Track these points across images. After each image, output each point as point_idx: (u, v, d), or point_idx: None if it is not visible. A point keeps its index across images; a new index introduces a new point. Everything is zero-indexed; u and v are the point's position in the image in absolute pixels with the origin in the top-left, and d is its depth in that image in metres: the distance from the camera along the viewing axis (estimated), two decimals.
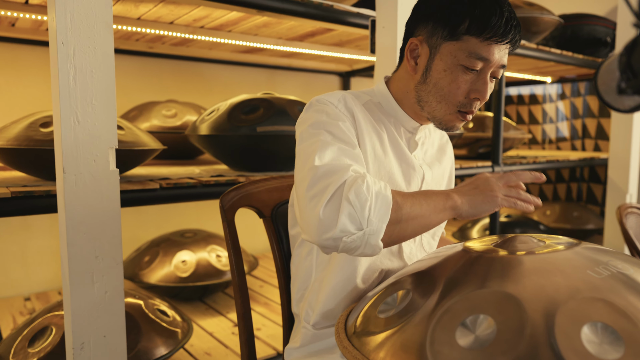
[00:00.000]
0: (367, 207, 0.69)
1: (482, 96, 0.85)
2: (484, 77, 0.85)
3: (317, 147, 0.78)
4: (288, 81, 2.91)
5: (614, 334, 0.53)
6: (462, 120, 0.89)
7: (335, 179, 0.72)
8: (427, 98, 0.88)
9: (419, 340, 0.59)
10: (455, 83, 0.84)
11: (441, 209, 0.77)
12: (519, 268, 0.62)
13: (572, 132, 3.61)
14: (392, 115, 0.94)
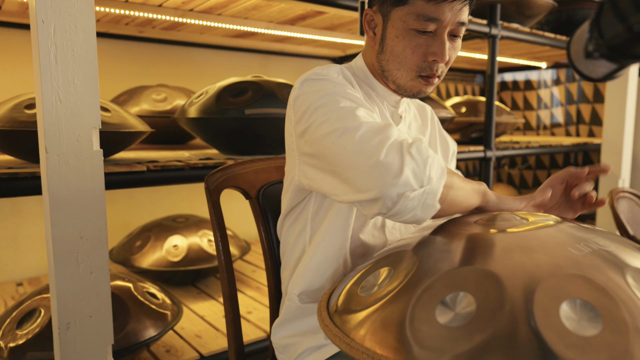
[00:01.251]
0: (429, 165, 0.68)
1: (439, 57, 0.83)
2: (440, 38, 0.83)
3: (346, 112, 0.73)
4: (281, 67, 2.89)
5: (593, 310, 0.53)
6: (426, 84, 0.88)
7: (386, 134, 0.69)
8: (388, 67, 0.88)
9: (399, 318, 0.59)
10: (409, 48, 0.84)
11: (476, 189, 0.77)
12: (500, 245, 0.62)
13: (566, 118, 3.61)
14: (373, 89, 0.94)
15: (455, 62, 3.39)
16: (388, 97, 0.94)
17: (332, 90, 0.79)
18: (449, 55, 0.85)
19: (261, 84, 1.54)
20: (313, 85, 0.82)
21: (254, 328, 1.66)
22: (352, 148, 0.69)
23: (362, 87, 0.92)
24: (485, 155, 2.20)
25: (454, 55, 0.87)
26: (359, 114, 0.74)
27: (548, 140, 3.14)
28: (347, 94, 0.79)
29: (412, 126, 1.02)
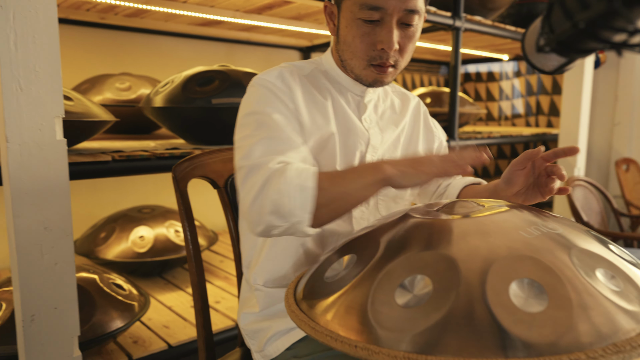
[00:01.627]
0: (288, 202, 0.73)
1: (387, 46, 0.84)
2: (388, 26, 0.84)
3: (247, 143, 0.81)
4: (248, 56, 2.87)
5: (540, 288, 0.56)
6: (380, 73, 0.89)
7: (259, 177, 0.76)
8: (344, 57, 0.91)
9: (361, 302, 0.61)
10: (357, 37, 0.86)
11: (372, 183, 0.76)
12: (457, 231, 0.65)
13: (526, 109, 3.73)
14: (338, 81, 0.96)
15: (420, 53, 3.44)
16: (353, 88, 0.96)
17: (256, 109, 0.84)
18: (400, 44, 0.86)
19: (228, 74, 1.53)
20: (251, 94, 0.88)
21: (222, 317, 1.67)
22: (240, 183, 0.80)
23: (316, 83, 0.93)
24: (449, 145, 2.26)
25: (409, 44, 0.88)
26: (254, 149, 0.80)
27: (509, 130, 3.24)
28: (265, 115, 0.83)
29: (386, 115, 1.03)
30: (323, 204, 0.76)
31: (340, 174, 0.78)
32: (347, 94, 0.97)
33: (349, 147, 0.93)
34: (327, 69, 0.97)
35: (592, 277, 0.59)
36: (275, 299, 0.92)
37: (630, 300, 0.57)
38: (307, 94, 0.91)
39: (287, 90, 0.88)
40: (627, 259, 0.66)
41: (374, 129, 0.97)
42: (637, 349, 0.52)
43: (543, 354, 0.51)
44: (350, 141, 0.94)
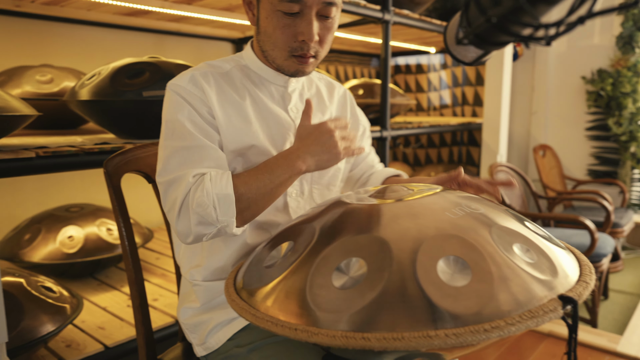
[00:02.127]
0: (212, 211, 0.78)
1: (307, 37, 0.86)
2: (307, 19, 0.86)
3: (162, 155, 0.85)
4: (178, 47, 2.79)
5: (464, 264, 0.61)
6: (301, 64, 0.91)
7: (179, 192, 0.80)
8: (265, 47, 0.91)
9: (300, 287, 0.64)
10: (278, 28, 0.87)
11: (287, 179, 0.83)
12: (389, 214, 0.69)
13: (453, 100, 3.90)
14: (260, 74, 0.96)
15: (352, 46, 3.50)
16: (275, 79, 0.97)
17: (168, 117, 0.87)
18: (320, 35, 0.88)
19: (159, 65, 1.49)
20: (166, 100, 0.90)
21: (161, 315, 1.63)
22: (162, 197, 0.84)
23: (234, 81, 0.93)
24: (381, 135, 2.33)
25: (328, 35, 0.90)
26: (171, 162, 0.83)
27: (437, 120, 3.38)
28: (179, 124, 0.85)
29: (312, 100, 1.03)
30: (243, 207, 0.81)
31: (255, 176, 0.82)
32: (270, 87, 0.97)
33: (278, 141, 0.94)
34: (247, 64, 0.97)
35: (510, 251, 0.64)
36: (215, 292, 0.93)
37: (542, 271, 0.63)
38: (223, 95, 0.90)
39: (200, 94, 0.87)
40: (541, 233, 0.72)
41: (299, 118, 0.98)
42: (548, 313, 0.58)
43: (468, 323, 0.56)
44: (277, 134, 0.94)
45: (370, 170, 1.15)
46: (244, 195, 0.80)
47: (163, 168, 0.84)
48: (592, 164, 3.44)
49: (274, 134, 0.94)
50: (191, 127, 0.85)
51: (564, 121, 3.52)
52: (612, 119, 3.23)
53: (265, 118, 0.94)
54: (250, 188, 0.81)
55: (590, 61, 3.35)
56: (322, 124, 0.86)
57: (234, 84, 0.94)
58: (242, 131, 0.90)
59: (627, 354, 1.89)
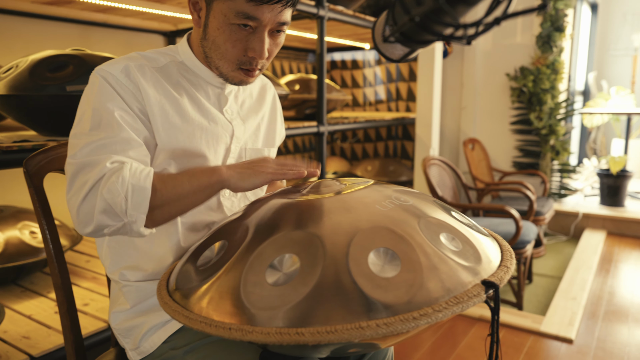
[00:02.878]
0: (122, 202, 0.72)
1: (257, 55, 0.85)
2: (260, 36, 0.84)
3: (81, 141, 0.77)
4: (105, 40, 2.67)
5: (394, 255, 0.63)
6: (247, 76, 0.90)
7: (92, 175, 0.74)
8: (210, 54, 0.88)
9: (234, 286, 0.63)
10: (229, 42, 0.85)
11: (206, 186, 0.78)
12: (321, 209, 0.70)
13: (387, 95, 4.00)
14: (197, 73, 0.93)
15: (288, 41, 3.50)
16: (213, 80, 0.94)
17: (96, 105, 0.80)
18: (269, 51, 0.88)
19: (84, 58, 1.42)
20: (92, 84, 0.83)
21: (93, 320, 1.56)
22: (68, 181, 0.76)
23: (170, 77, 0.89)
24: (318, 130, 2.35)
25: (276, 50, 0.90)
26: (85, 148, 0.77)
27: (373, 115, 3.45)
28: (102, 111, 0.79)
29: (246, 104, 1.03)
30: (157, 205, 0.75)
31: (175, 176, 0.78)
32: (207, 87, 0.94)
33: (213, 141, 0.92)
34: (184, 60, 0.93)
35: (437, 241, 0.67)
36: (147, 293, 0.90)
37: (467, 258, 0.66)
38: (160, 90, 0.86)
39: (133, 88, 0.83)
40: (466, 222, 0.76)
41: (236, 119, 0.97)
42: (472, 298, 0.61)
43: (400, 312, 0.58)
44: (214, 135, 0.92)
45: None
46: (159, 192, 0.75)
47: (78, 152, 0.77)
48: (517, 156, 3.65)
49: (210, 134, 0.92)
50: (120, 119, 0.79)
51: (491, 116, 3.71)
52: (534, 114, 3.44)
53: (205, 118, 0.91)
54: (167, 186, 0.76)
55: (513, 59, 3.54)
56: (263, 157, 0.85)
57: (170, 80, 0.90)
58: (180, 130, 0.87)
59: (549, 333, 2.03)
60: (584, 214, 3.59)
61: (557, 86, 3.43)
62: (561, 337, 2.00)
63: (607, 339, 2.01)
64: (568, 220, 3.63)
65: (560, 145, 3.48)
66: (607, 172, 3.75)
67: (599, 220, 3.57)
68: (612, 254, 3.11)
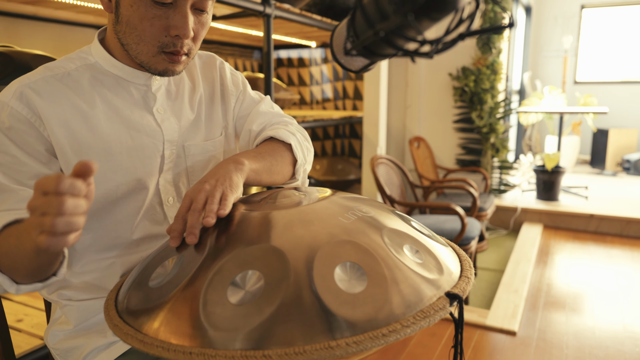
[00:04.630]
0: None
1: (182, 33, 0.75)
2: (182, 11, 0.74)
3: None
4: (35, 34, 2.49)
5: (360, 269, 0.61)
6: (172, 62, 0.78)
7: None
8: (126, 40, 0.76)
9: (192, 305, 0.59)
10: (146, 19, 0.73)
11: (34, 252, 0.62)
12: (282, 222, 0.67)
13: (334, 93, 4.00)
14: (114, 73, 0.82)
15: (233, 37, 3.42)
16: (135, 78, 0.83)
17: None
18: (194, 31, 0.78)
19: (12, 56, 1.31)
20: None
21: (27, 337, 1.45)
22: None
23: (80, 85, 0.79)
24: None
25: (202, 31, 0.80)
26: None
27: (321, 114, 3.44)
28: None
29: (184, 94, 0.90)
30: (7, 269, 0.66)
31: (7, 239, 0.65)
32: (129, 87, 0.83)
33: (139, 154, 0.82)
34: (97, 61, 0.82)
35: (401, 253, 0.66)
36: (90, 312, 0.83)
37: (430, 270, 0.66)
38: (64, 105, 0.77)
39: (30, 116, 0.74)
40: (426, 232, 0.76)
41: (168, 119, 0.86)
42: (438, 312, 0.60)
43: (365, 330, 0.56)
44: (138, 146, 0.82)
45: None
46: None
47: None
48: (460, 153, 3.77)
49: (134, 148, 0.81)
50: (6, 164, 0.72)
51: (435, 114, 3.80)
52: (475, 113, 3.55)
53: (124, 127, 0.81)
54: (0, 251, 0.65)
55: (456, 59, 3.64)
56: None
57: (80, 89, 0.78)
58: (93, 149, 0.78)
59: (494, 326, 2.11)
60: (522, 208, 3.76)
61: (496, 86, 3.56)
62: (505, 329, 2.08)
63: (547, 329, 2.11)
64: (508, 214, 3.79)
65: (500, 143, 3.63)
66: (542, 169, 3.95)
67: (536, 215, 3.76)
68: (549, 247, 3.28)
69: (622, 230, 3.52)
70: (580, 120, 5.65)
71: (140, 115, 0.83)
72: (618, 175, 5.34)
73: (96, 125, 0.79)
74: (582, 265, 2.93)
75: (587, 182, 4.76)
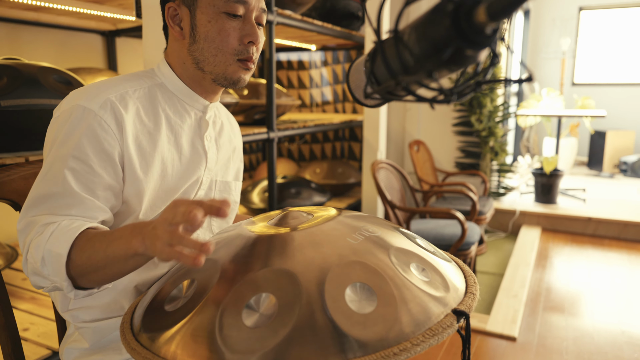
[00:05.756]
0: (42, 266, 0.70)
1: (254, 39, 0.86)
2: (250, 21, 0.86)
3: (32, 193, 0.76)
4: (37, 39, 2.49)
5: (369, 290, 0.63)
6: (245, 68, 0.88)
7: (28, 238, 0.73)
8: (203, 56, 0.86)
9: (208, 328, 0.61)
10: (224, 31, 0.84)
11: (123, 258, 0.67)
12: (292, 244, 0.69)
13: (334, 96, 4.02)
14: (178, 95, 0.90)
15: None
16: (196, 103, 0.91)
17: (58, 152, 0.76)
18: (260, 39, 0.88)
19: (19, 69, 1.32)
20: (63, 123, 0.78)
21: (34, 347, 1.47)
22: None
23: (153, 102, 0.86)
24: (268, 137, 2.32)
25: (262, 41, 0.89)
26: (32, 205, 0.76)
27: (321, 117, 3.46)
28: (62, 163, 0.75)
29: (224, 131, 1.01)
30: (78, 274, 0.71)
31: (93, 243, 0.70)
32: (190, 111, 0.91)
33: (188, 175, 0.89)
34: (164, 82, 0.90)
35: (408, 272, 0.68)
36: (104, 332, 0.85)
37: (437, 288, 0.68)
38: (139, 124, 0.82)
39: (115, 128, 0.78)
40: (430, 250, 0.77)
41: (212, 148, 0.94)
42: (447, 329, 0.62)
43: (376, 349, 0.58)
44: (189, 168, 0.89)
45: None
46: (75, 262, 0.70)
47: (27, 208, 0.76)
48: (459, 157, 3.79)
49: (186, 167, 0.88)
50: (70, 172, 0.75)
51: (434, 118, 3.82)
52: (474, 116, 3.58)
53: (180, 151, 0.88)
54: (83, 255, 0.69)
55: None
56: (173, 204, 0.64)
57: (150, 108, 0.85)
58: (155, 169, 0.84)
59: (494, 332, 2.13)
60: (521, 211, 3.79)
61: (495, 90, 3.58)
62: (505, 335, 2.10)
63: (547, 334, 2.13)
64: (506, 217, 3.81)
65: (498, 147, 3.65)
66: (540, 172, 3.97)
67: (534, 217, 3.78)
68: (547, 250, 3.31)
69: (619, 234, 3.55)
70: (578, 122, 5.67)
71: (193, 140, 0.90)
72: (615, 177, 5.37)
73: (158, 146, 0.84)
74: (580, 269, 2.95)
75: (585, 184, 4.79)
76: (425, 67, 0.45)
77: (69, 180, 0.75)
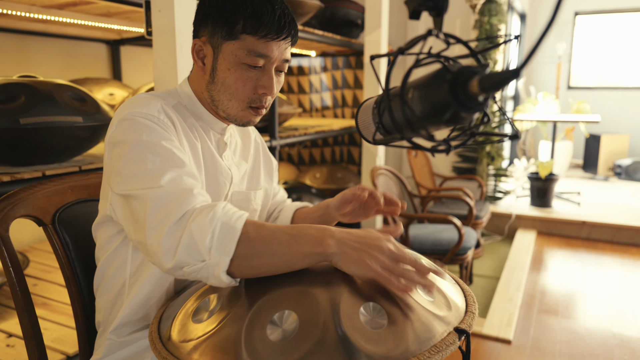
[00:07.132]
0: (208, 238, 0.68)
1: (269, 91, 0.89)
2: (269, 73, 0.88)
3: (150, 169, 0.75)
4: (44, 49, 2.54)
5: (380, 309, 0.69)
6: (256, 115, 0.92)
7: (177, 204, 0.71)
8: (219, 97, 0.90)
9: (235, 340, 0.67)
10: (241, 81, 0.87)
11: (307, 254, 0.70)
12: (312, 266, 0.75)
13: (334, 102, 4.08)
14: (199, 117, 0.95)
15: None
16: (214, 125, 0.96)
17: (144, 140, 0.78)
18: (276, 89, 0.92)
19: (35, 87, 1.37)
20: (130, 126, 0.81)
21: (49, 352, 1.52)
22: (147, 218, 0.71)
23: (186, 119, 0.92)
24: (271, 145, 2.38)
25: (279, 87, 0.93)
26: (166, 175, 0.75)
27: (321, 123, 3.52)
28: (158, 148, 0.78)
29: (237, 151, 1.05)
30: (245, 254, 0.69)
31: (274, 230, 0.72)
32: (209, 132, 0.96)
33: (216, 189, 0.94)
34: (187, 104, 0.95)
35: (414, 292, 0.74)
36: (128, 343, 0.90)
37: (440, 307, 0.74)
38: (184, 129, 0.89)
39: (172, 128, 0.85)
40: (433, 269, 0.83)
41: (232, 166, 0.99)
42: (450, 346, 0.68)
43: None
44: (217, 182, 0.94)
45: (280, 206, 1.17)
46: (250, 240, 0.69)
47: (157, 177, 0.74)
48: (456, 161, 3.85)
49: (214, 181, 0.94)
50: (178, 155, 0.79)
51: None
52: None
53: (210, 164, 0.93)
54: (261, 237, 0.70)
55: None
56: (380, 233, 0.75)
57: (186, 120, 0.92)
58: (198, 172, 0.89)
59: (489, 335, 2.20)
60: (517, 215, 3.86)
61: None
62: (501, 338, 2.17)
63: (541, 337, 2.20)
64: (502, 220, 3.88)
65: (495, 152, 3.72)
66: (536, 176, 4.04)
67: (530, 221, 3.86)
68: (542, 253, 3.38)
69: (613, 237, 3.62)
70: (573, 126, 5.76)
71: (215, 159, 0.95)
72: (610, 180, 5.46)
73: (198, 155, 0.91)
74: (574, 272, 3.03)
75: (580, 187, 4.87)
76: (426, 126, 0.52)
77: (178, 154, 0.80)
